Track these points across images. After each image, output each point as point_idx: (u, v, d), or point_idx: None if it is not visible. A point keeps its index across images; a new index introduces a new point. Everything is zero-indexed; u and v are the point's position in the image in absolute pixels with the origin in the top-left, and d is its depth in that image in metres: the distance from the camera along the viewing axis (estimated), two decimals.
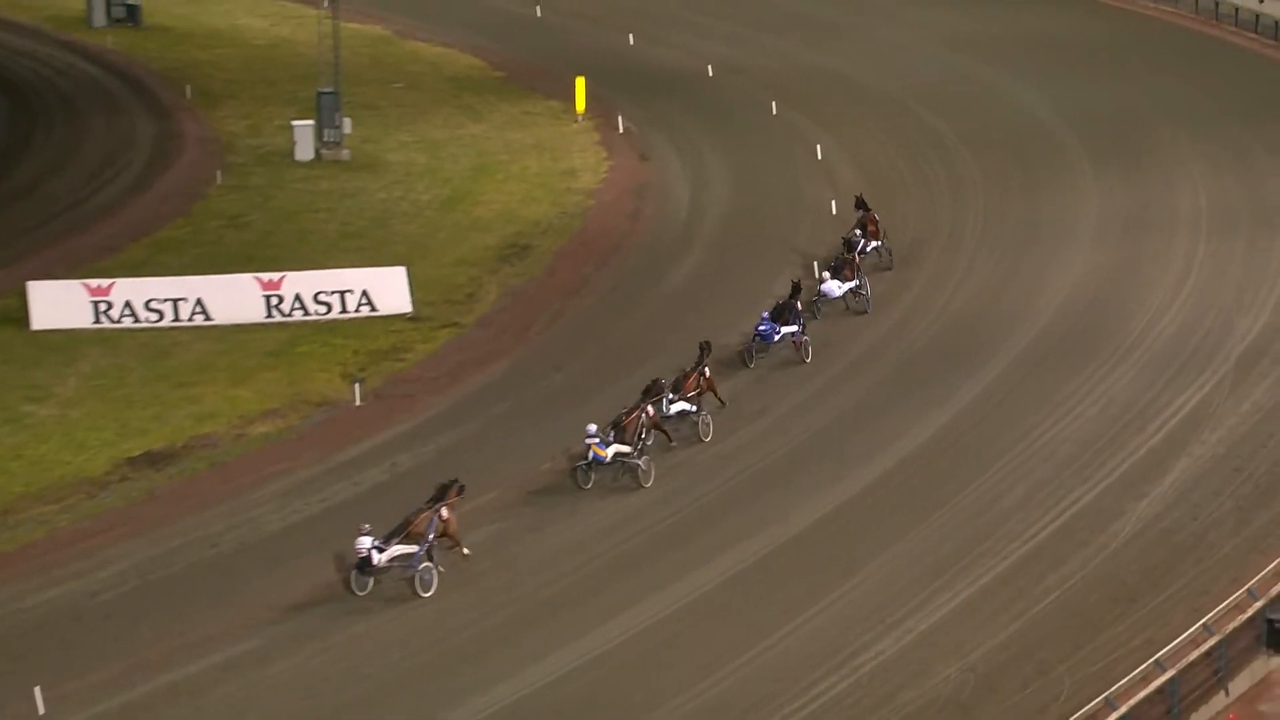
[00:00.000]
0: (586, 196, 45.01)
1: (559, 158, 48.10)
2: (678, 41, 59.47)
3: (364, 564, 25.46)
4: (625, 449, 28.57)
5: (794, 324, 33.88)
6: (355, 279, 37.12)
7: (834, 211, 42.68)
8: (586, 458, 28.53)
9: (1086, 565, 26.50)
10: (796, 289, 34.98)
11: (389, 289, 37.15)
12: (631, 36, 59.81)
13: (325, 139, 47.67)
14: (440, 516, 25.82)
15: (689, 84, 54.84)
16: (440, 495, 26.11)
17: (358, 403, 32.95)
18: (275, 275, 37.00)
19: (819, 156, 47.31)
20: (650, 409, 29.27)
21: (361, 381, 33.35)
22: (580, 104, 51.21)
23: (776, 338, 33.76)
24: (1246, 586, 25.06)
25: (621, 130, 50.15)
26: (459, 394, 33.39)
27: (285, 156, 47.57)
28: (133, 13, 61.50)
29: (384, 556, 25.46)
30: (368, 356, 34.94)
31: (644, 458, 28.80)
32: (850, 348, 34.85)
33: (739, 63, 56.80)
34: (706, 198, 44.94)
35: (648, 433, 28.93)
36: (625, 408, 29.48)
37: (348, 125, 47.93)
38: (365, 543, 25.44)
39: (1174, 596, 25.65)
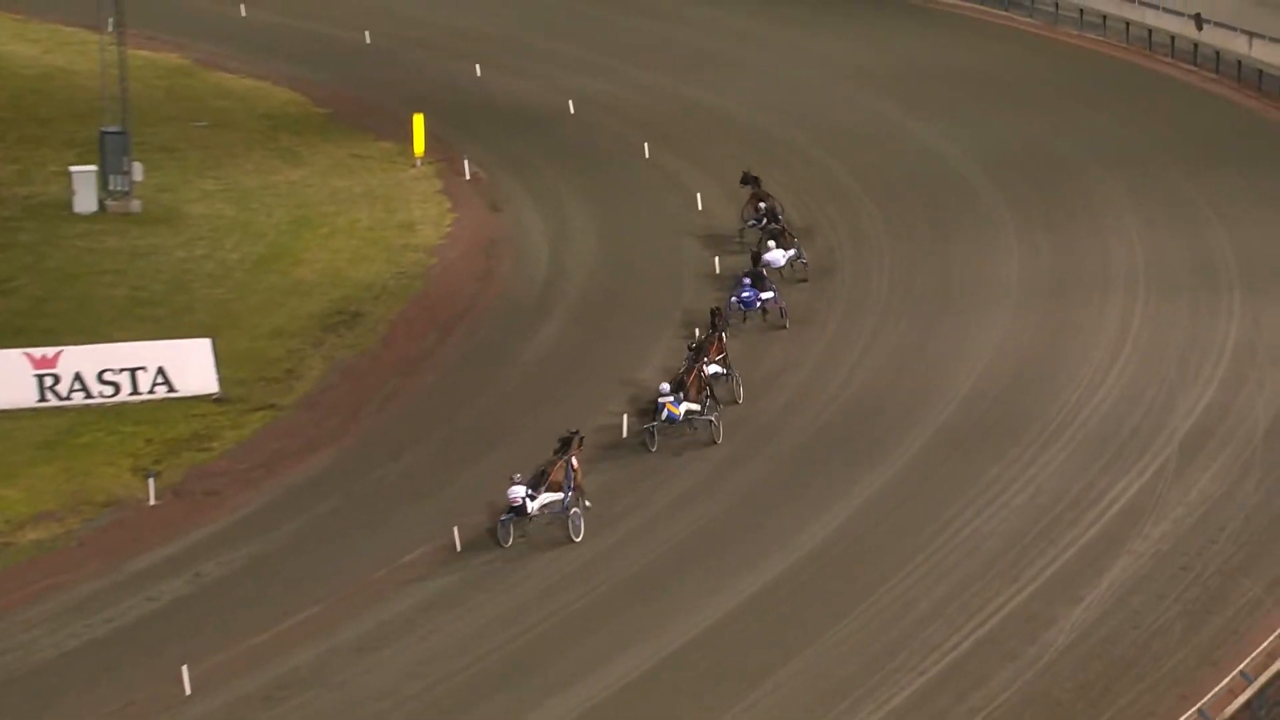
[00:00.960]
0: (427, 254, 45.08)
1: (394, 209, 48.14)
2: (534, 72, 59.93)
3: (519, 511, 29.86)
4: (695, 407, 34.01)
5: (770, 289, 39.57)
6: (149, 354, 36.87)
7: (718, 270, 43.16)
8: (660, 417, 33.62)
9: (1014, 682, 26.81)
10: (757, 258, 40.99)
11: (190, 365, 36.91)
12: (479, 66, 60.16)
13: (111, 187, 47.28)
14: (573, 465, 30.57)
15: (547, 122, 55.25)
16: (564, 446, 30.87)
17: (152, 502, 32.59)
18: (50, 351, 36.63)
19: (699, 206, 47.87)
20: (705, 368, 34.58)
21: (157, 476, 32.98)
22: (419, 145, 51.36)
23: (758, 304, 39.50)
24: (1197, 705, 25.46)
25: (468, 176, 50.35)
26: (275, 489, 33.16)
27: (62, 208, 47.12)
28: None
29: (535, 505, 30.01)
30: (165, 446, 34.60)
31: (714, 414, 34.15)
32: (734, 434, 35.09)
33: (606, 98, 57.35)
34: (569, 255, 45.21)
35: (709, 389, 34.40)
36: (682, 369, 34.80)
37: (139, 171, 47.58)
38: (519, 491, 29.96)
39: (1115, 718, 26.02)
